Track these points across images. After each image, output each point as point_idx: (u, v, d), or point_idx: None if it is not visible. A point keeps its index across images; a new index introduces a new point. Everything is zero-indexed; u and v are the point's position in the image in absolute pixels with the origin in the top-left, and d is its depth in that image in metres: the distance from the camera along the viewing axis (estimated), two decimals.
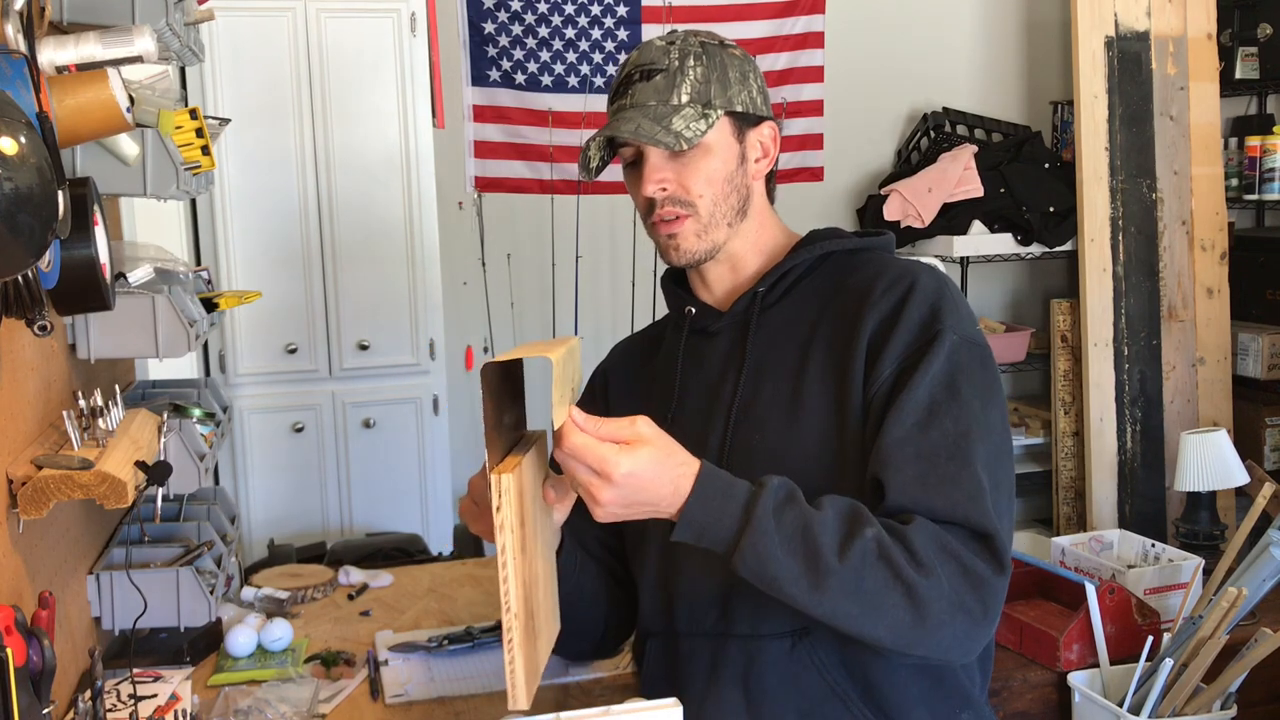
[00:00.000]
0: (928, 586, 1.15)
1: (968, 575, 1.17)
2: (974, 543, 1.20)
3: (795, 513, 1.16)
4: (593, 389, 1.58)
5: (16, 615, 1.16)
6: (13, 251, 1.01)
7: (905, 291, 1.31)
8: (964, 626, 1.18)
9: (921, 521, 1.19)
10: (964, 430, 1.23)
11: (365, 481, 3.47)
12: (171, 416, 1.77)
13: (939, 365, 1.26)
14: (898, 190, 3.90)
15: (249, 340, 3.35)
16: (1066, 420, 3.84)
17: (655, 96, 1.33)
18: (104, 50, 1.31)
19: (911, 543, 1.16)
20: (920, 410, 1.24)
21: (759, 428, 1.34)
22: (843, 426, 1.29)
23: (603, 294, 3.94)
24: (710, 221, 1.36)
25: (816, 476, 1.28)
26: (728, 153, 1.36)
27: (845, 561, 1.14)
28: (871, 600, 1.15)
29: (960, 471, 1.21)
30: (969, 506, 1.20)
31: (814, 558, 1.14)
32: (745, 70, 1.39)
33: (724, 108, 1.35)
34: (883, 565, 1.15)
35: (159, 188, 1.61)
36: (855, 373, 1.29)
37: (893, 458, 1.22)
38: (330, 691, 1.75)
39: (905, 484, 1.21)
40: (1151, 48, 3.70)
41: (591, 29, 3.87)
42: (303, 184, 3.32)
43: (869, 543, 1.15)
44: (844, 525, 1.16)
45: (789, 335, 1.37)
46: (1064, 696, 1.93)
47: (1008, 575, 1.21)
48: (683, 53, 1.35)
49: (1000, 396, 1.31)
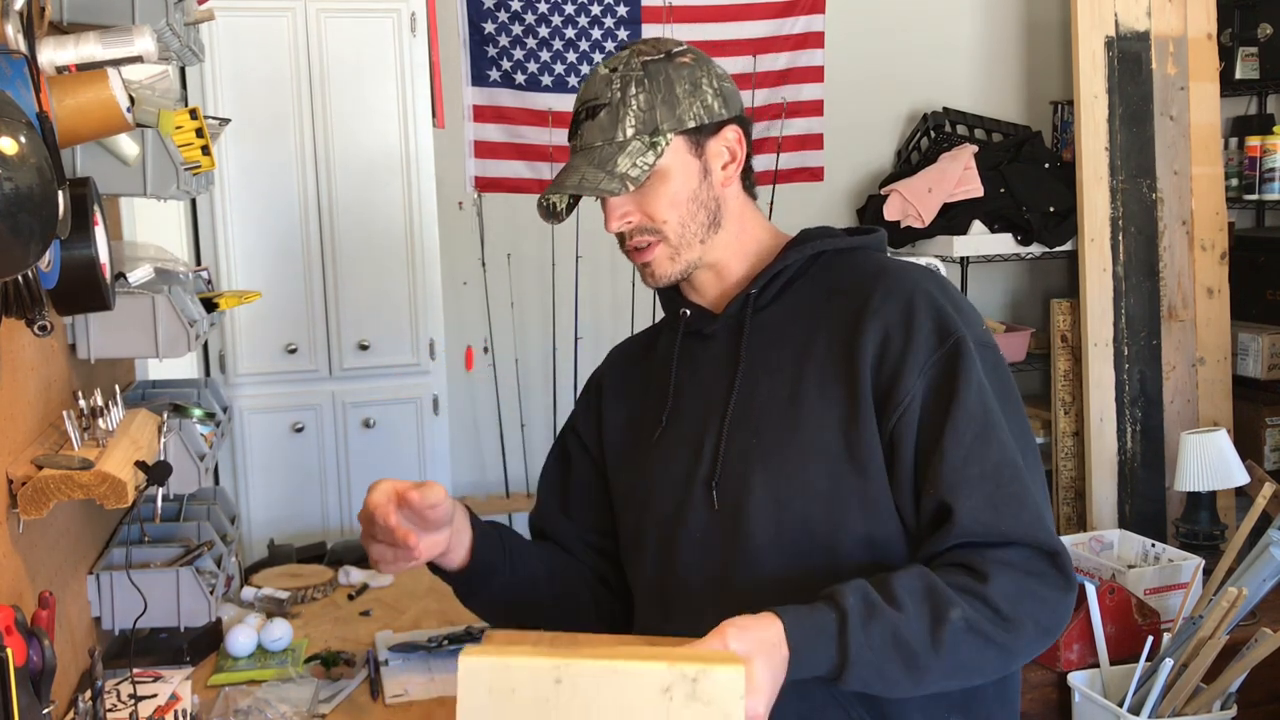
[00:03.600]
0: (1016, 639, 1.21)
1: (1046, 604, 1.23)
2: (1042, 562, 1.24)
3: (881, 624, 1.18)
4: (588, 397, 1.57)
5: (16, 615, 1.16)
6: (13, 251, 1.01)
7: (909, 298, 1.30)
8: (1044, 645, 1.26)
9: (997, 571, 1.21)
10: (1015, 445, 1.26)
11: (365, 481, 3.44)
12: (171, 416, 1.77)
13: (976, 377, 1.27)
14: (898, 190, 3.90)
15: (249, 340, 3.35)
16: (1066, 420, 3.84)
17: (600, 135, 1.32)
18: (104, 50, 1.31)
19: (995, 602, 1.20)
20: (974, 426, 1.25)
21: (755, 430, 1.33)
22: (846, 432, 1.28)
23: (603, 294, 3.94)
24: (681, 243, 1.35)
25: (814, 479, 1.28)
26: (686, 172, 1.34)
27: (940, 652, 1.18)
28: (969, 669, 1.22)
29: (1023, 492, 1.24)
30: (1036, 528, 1.24)
31: (911, 659, 1.18)
32: (696, 78, 1.34)
33: (674, 129, 1.32)
34: (973, 638, 1.19)
35: (159, 188, 1.61)
36: (861, 380, 1.28)
37: (960, 482, 1.24)
38: (330, 691, 1.75)
39: (976, 511, 1.23)
40: (1152, 48, 3.70)
41: (592, 29, 3.87)
42: (303, 184, 3.32)
43: (957, 624, 1.19)
44: (928, 615, 1.19)
45: (784, 337, 1.36)
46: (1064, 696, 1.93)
47: (1075, 585, 1.27)
48: (624, 80, 1.32)
49: (1018, 394, 1.33)
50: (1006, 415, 1.28)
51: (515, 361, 3.88)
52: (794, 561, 1.29)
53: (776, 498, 1.29)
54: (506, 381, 3.88)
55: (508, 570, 1.42)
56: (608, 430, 1.51)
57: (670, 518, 1.37)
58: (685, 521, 1.35)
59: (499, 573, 1.41)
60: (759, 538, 1.30)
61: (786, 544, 1.28)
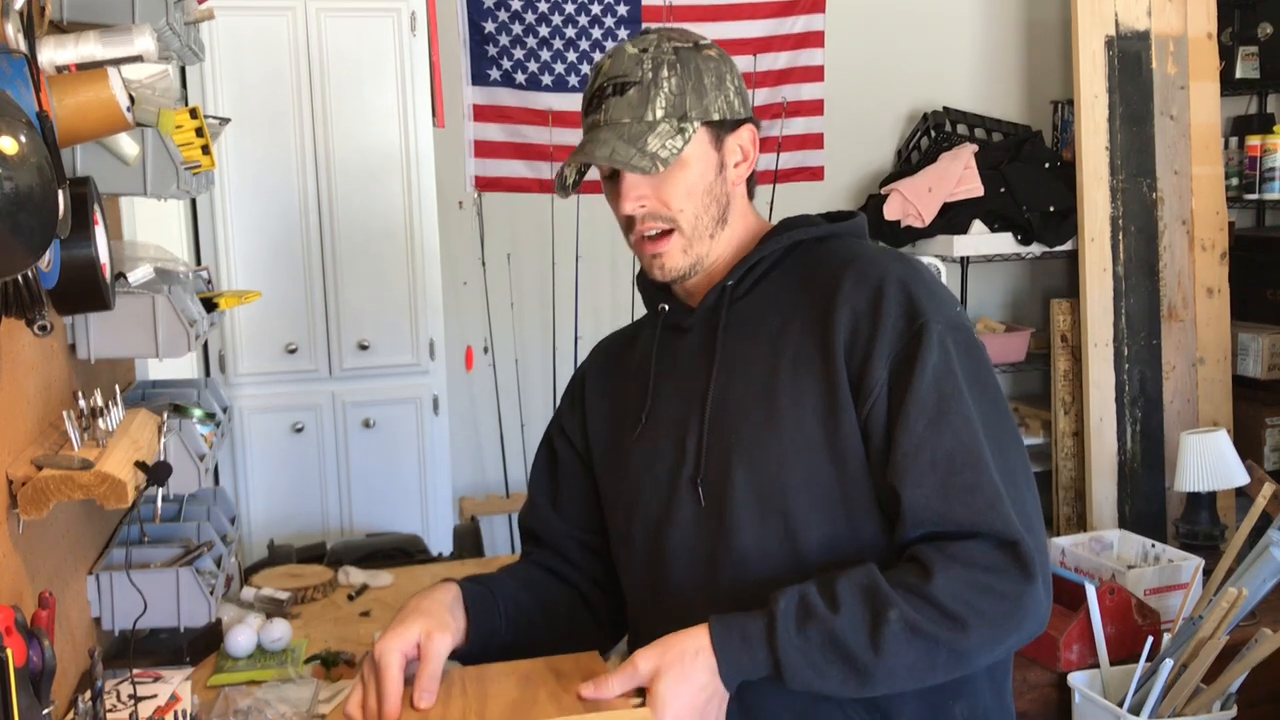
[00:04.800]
0: (965, 638, 1.18)
1: (1002, 600, 1.19)
2: (1000, 554, 1.20)
3: (817, 626, 1.18)
4: (572, 394, 1.55)
5: (16, 615, 1.16)
6: (13, 251, 1.01)
7: (877, 284, 1.28)
8: (1012, 639, 1.22)
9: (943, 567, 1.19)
10: (973, 430, 1.23)
11: (365, 481, 3.47)
12: (171, 416, 1.76)
13: (933, 361, 1.24)
14: (898, 190, 3.90)
15: (249, 340, 3.35)
16: (1066, 420, 3.84)
17: (629, 113, 1.30)
18: (104, 50, 1.31)
19: (939, 601, 1.18)
20: (926, 413, 1.22)
21: (734, 427, 1.31)
22: (823, 423, 1.27)
23: (603, 294, 3.94)
24: (694, 235, 1.33)
25: (795, 473, 1.27)
26: (706, 164, 1.33)
27: (881, 654, 1.17)
28: (918, 670, 1.19)
29: (977, 478, 1.21)
30: (991, 516, 1.20)
31: (850, 662, 1.17)
32: (722, 73, 1.35)
33: (700, 119, 1.31)
34: (918, 640, 1.17)
35: (159, 188, 1.61)
36: (836, 369, 1.27)
37: (909, 470, 1.22)
38: (330, 691, 1.75)
39: (926, 499, 1.21)
40: (1152, 47, 3.70)
41: (592, 28, 3.87)
42: (303, 184, 3.32)
43: (895, 625, 1.17)
44: (866, 616, 1.18)
45: (759, 329, 1.34)
46: (1064, 696, 1.93)
47: (1040, 576, 1.21)
48: (656, 62, 1.31)
49: (993, 378, 1.30)
50: (975, 398, 1.25)
51: (515, 361, 3.88)
52: (778, 558, 1.28)
53: (759, 495, 1.29)
54: (506, 381, 3.88)
55: (505, 629, 1.41)
56: (592, 427, 1.50)
57: (657, 517, 1.36)
58: (672, 520, 1.35)
59: (498, 636, 1.40)
60: (743, 535, 1.29)
61: (770, 541, 1.28)
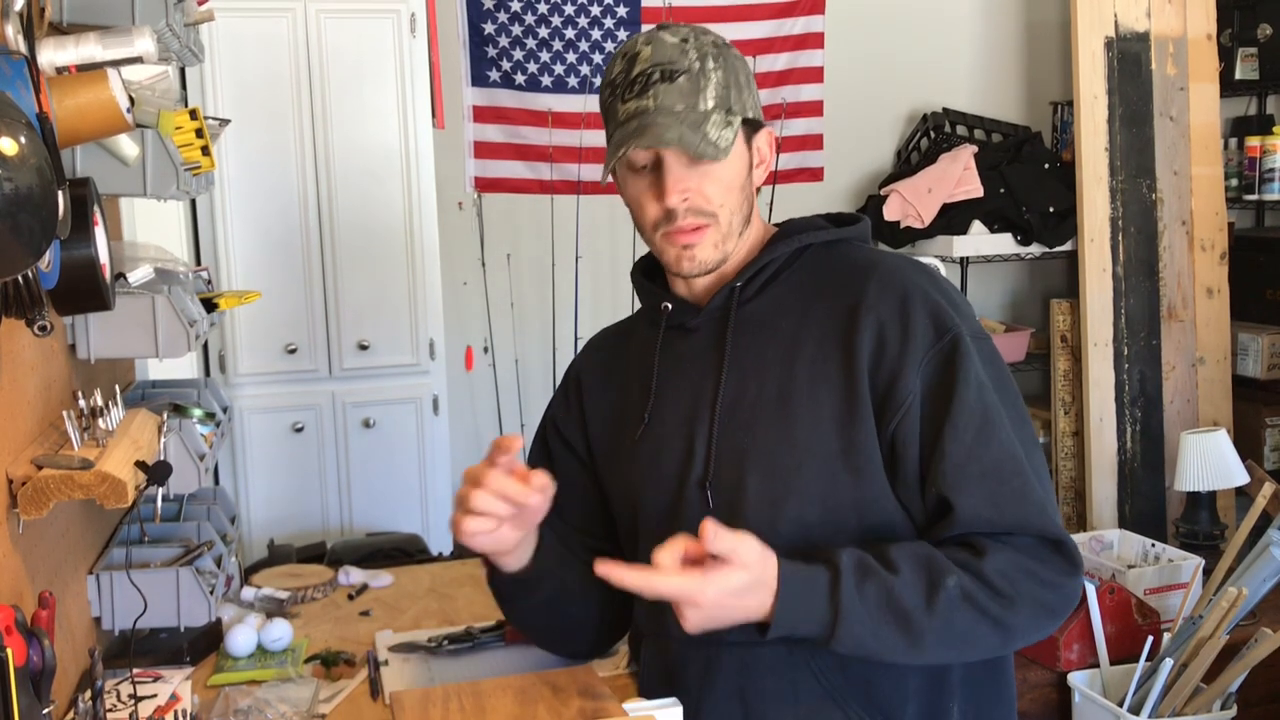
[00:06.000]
0: (1013, 615, 1.22)
1: (1046, 586, 1.24)
2: (1045, 549, 1.25)
3: (876, 584, 1.19)
4: (566, 392, 1.53)
5: (16, 615, 1.16)
6: (13, 251, 1.01)
7: (902, 294, 1.29)
8: (1047, 627, 1.28)
9: (994, 549, 1.23)
10: (1013, 438, 1.26)
11: (365, 481, 3.47)
12: (171, 416, 1.77)
13: (974, 373, 1.26)
14: (898, 190, 3.90)
15: (249, 340, 3.35)
16: (1066, 420, 3.84)
17: (682, 100, 1.27)
18: (104, 51, 1.31)
19: (990, 578, 1.21)
20: (974, 424, 1.25)
21: (747, 428, 1.31)
22: (840, 431, 1.27)
23: (603, 294, 3.93)
24: (729, 231, 1.32)
25: (809, 481, 1.27)
26: (741, 161, 1.33)
27: (934, 617, 1.19)
28: (964, 640, 1.22)
29: (1025, 485, 1.25)
30: (1040, 520, 1.25)
31: (905, 622, 1.19)
32: (749, 73, 1.36)
33: (740, 114, 1.31)
34: (968, 607, 1.20)
35: (159, 188, 1.61)
36: (858, 378, 1.27)
37: (961, 480, 1.24)
38: (330, 691, 1.75)
39: (977, 507, 1.24)
40: (1151, 48, 3.70)
41: (591, 29, 3.87)
42: (303, 184, 3.32)
43: (952, 592, 1.20)
44: (924, 580, 1.20)
45: (771, 332, 1.34)
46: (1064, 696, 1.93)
47: (1081, 569, 1.28)
48: (700, 53, 1.29)
49: (1014, 382, 1.34)
50: (1004, 406, 1.28)
51: (515, 361, 3.88)
52: None
53: (772, 501, 1.28)
54: (506, 381, 3.88)
55: (557, 584, 1.41)
56: (593, 428, 1.49)
57: (665, 519, 1.36)
58: (680, 524, 1.33)
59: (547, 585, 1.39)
60: None
61: (782, 547, 1.27)
